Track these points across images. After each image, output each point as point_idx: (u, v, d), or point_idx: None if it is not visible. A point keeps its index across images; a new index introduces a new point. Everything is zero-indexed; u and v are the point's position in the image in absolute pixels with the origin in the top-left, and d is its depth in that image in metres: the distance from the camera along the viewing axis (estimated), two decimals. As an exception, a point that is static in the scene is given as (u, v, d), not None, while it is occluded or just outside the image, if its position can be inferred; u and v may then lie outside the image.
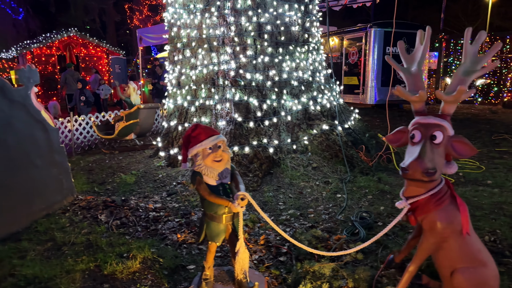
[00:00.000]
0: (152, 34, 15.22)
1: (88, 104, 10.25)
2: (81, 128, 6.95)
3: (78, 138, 6.94)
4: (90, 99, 10.39)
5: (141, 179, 4.76)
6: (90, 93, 10.57)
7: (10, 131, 3.54)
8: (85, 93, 10.20)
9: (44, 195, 3.84)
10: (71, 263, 2.98)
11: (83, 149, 7.10)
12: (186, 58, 5.08)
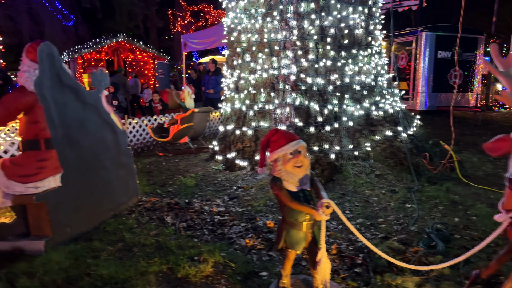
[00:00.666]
0: (196, 40, 15.51)
1: (120, 109, 9.80)
2: (134, 130, 7.11)
3: (132, 140, 7.11)
4: (123, 104, 10.06)
5: (201, 182, 4.78)
6: (123, 98, 10.25)
7: (83, 132, 3.64)
8: (118, 98, 9.85)
9: (111, 196, 3.93)
10: (144, 264, 3.01)
11: (136, 152, 7.27)
12: (246, 62, 5.08)
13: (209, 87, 10.41)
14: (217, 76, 10.08)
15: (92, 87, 3.79)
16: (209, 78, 10.49)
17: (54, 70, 3.39)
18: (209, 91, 10.36)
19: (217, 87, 10.00)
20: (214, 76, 10.27)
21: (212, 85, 10.22)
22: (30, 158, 3.31)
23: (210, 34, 14.51)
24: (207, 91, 10.42)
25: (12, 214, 4.30)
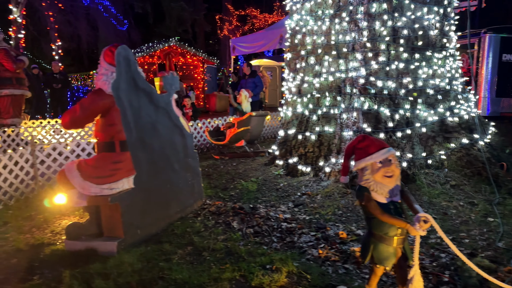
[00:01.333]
0: (245, 43, 15.60)
1: None
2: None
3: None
4: None
5: (263, 187, 4.70)
6: None
7: (155, 135, 3.67)
8: None
9: (179, 199, 3.94)
10: (216, 270, 2.95)
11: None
12: (310, 65, 4.96)
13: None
14: (254, 78, 9.98)
15: (163, 90, 3.81)
16: (246, 81, 10.23)
17: (130, 73, 3.44)
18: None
19: (256, 90, 9.85)
20: (251, 79, 10.07)
21: (250, 88, 9.96)
22: (105, 160, 3.37)
23: (259, 38, 14.53)
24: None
25: (81, 213, 4.44)
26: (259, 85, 10.01)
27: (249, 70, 10.19)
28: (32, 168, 5.29)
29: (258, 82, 10.04)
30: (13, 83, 7.78)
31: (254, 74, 10.09)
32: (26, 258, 3.41)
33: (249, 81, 10.01)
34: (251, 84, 9.93)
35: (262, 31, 15.10)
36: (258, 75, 10.23)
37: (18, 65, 7.80)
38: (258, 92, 9.96)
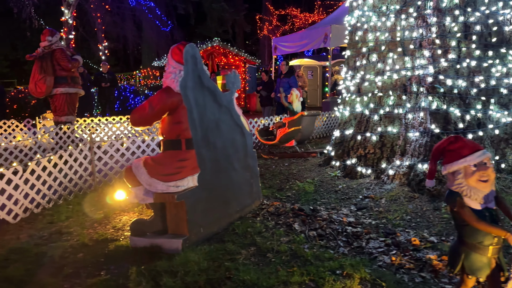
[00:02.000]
0: (287, 43, 15.46)
1: None
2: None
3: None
4: None
5: (320, 188, 4.58)
6: None
7: (218, 134, 3.65)
8: None
9: (238, 198, 3.90)
10: (284, 273, 2.87)
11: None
12: (371, 63, 4.79)
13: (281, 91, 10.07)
14: (289, 78, 9.52)
15: (225, 89, 3.78)
16: (280, 80, 9.82)
17: (197, 72, 3.43)
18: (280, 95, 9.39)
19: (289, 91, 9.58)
20: (285, 79, 9.64)
21: (284, 88, 9.31)
22: (171, 157, 3.38)
23: (302, 37, 14.35)
24: (278, 94, 9.51)
25: (140, 209, 4.50)
26: (293, 86, 9.43)
27: (287, 68, 9.78)
28: (90, 164, 5.44)
29: (293, 83, 9.53)
30: (68, 82, 8.07)
31: (289, 74, 9.69)
32: (92, 253, 3.47)
33: (283, 81, 9.66)
34: (285, 84, 9.47)
35: (306, 30, 14.91)
36: (294, 76, 9.78)
37: (74, 64, 8.09)
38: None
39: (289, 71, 9.68)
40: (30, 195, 4.50)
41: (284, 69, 9.84)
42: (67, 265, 3.26)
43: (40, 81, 7.79)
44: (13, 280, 3.04)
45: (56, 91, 7.88)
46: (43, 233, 3.99)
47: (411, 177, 4.04)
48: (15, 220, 4.29)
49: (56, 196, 4.90)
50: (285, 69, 9.82)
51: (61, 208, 4.72)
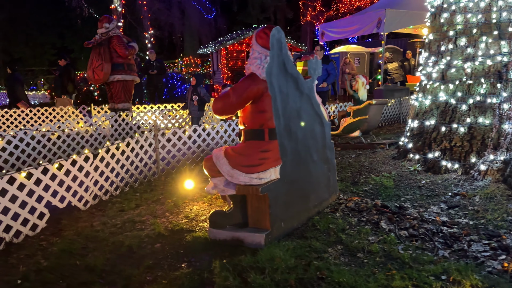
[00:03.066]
0: (336, 29, 14.92)
1: (201, 105, 8.02)
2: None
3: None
4: (206, 98, 8.01)
5: (400, 183, 4.29)
6: (206, 92, 8.09)
7: (299, 124, 3.44)
8: (199, 92, 7.87)
9: (316, 192, 3.69)
10: (382, 277, 2.64)
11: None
12: (459, 47, 4.38)
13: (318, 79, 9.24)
14: (327, 65, 8.59)
15: (306, 75, 3.55)
16: None
17: (281, 57, 3.22)
18: (322, 85, 8.46)
19: (329, 79, 8.59)
20: (323, 65, 8.78)
21: (322, 76, 8.45)
22: (253, 148, 3.21)
23: (353, 22, 13.76)
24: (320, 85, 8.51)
25: (209, 199, 4.40)
26: (332, 73, 8.66)
27: (321, 55, 8.80)
28: (154, 152, 5.41)
29: (331, 70, 8.66)
30: (124, 69, 8.12)
31: (326, 59, 8.74)
32: (169, 243, 3.39)
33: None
34: (322, 71, 8.64)
35: (356, 15, 14.30)
36: (331, 62, 8.89)
37: (130, 51, 8.11)
38: (331, 81, 8.71)
39: (325, 57, 8.83)
40: (99, 182, 4.51)
41: (319, 55, 8.78)
42: (146, 255, 3.20)
43: (97, 68, 7.88)
44: (95, 270, 3.00)
45: (113, 78, 7.96)
46: (116, 221, 3.97)
47: (507, 173, 3.67)
48: (85, 207, 4.31)
49: (123, 183, 4.90)
50: (320, 55, 8.80)
51: (129, 196, 4.72)
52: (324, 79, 8.52)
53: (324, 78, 8.52)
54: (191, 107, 8.04)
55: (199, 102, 7.91)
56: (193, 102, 7.91)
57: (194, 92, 7.94)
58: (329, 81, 8.62)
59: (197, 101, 7.87)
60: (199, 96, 7.90)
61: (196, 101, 7.87)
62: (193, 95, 7.89)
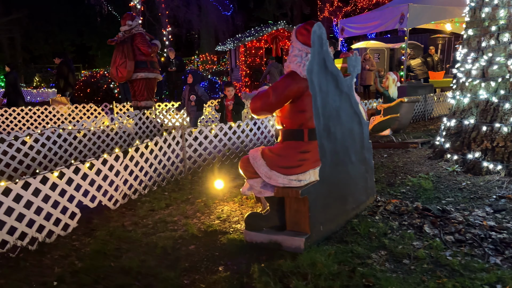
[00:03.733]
0: (356, 24, 14.66)
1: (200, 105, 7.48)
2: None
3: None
4: (204, 98, 7.48)
5: (439, 185, 4.13)
6: (203, 91, 7.58)
7: (338, 123, 3.32)
8: (197, 90, 7.37)
9: (354, 194, 3.56)
10: (433, 285, 2.51)
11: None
12: (502, 43, 4.18)
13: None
14: None
15: (346, 73, 3.42)
16: None
17: (322, 54, 3.10)
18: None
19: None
20: None
21: None
22: (292, 148, 3.10)
23: (374, 17, 13.50)
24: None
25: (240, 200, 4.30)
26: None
27: (333, 51, 8.26)
28: (181, 150, 5.35)
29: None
30: (147, 67, 8.10)
31: (337, 56, 8.13)
32: (204, 245, 3.32)
33: None
34: None
35: (377, 10, 14.01)
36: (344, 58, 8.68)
37: (153, 49, 8.08)
38: None
39: (337, 52, 8.51)
40: (129, 181, 4.47)
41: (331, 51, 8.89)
42: (181, 257, 3.14)
43: (121, 66, 7.86)
44: (130, 272, 2.95)
45: (136, 76, 7.94)
46: (147, 221, 3.92)
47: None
48: (115, 206, 4.28)
49: (151, 182, 4.86)
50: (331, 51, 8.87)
51: (158, 195, 4.67)
52: None
53: None
54: (189, 108, 7.54)
55: (196, 102, 7.43)
56: (190, 102, 7.44)
57: (192, 91, 7.43)
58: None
59: (195, 101, 7.41)
60: (197, 96, 7.42)
61: (194, 101, 7.40)
62: (191, 95, 7.40)
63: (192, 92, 7.37)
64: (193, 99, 7.34)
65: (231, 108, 7.02)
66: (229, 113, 7.05)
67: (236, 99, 7.12)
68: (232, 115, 6.99)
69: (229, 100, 7.12)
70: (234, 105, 7.04)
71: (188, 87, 7.51)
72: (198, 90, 7.42)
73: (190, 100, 7.41)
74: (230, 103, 7.09)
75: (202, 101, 7.52)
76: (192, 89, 7.42)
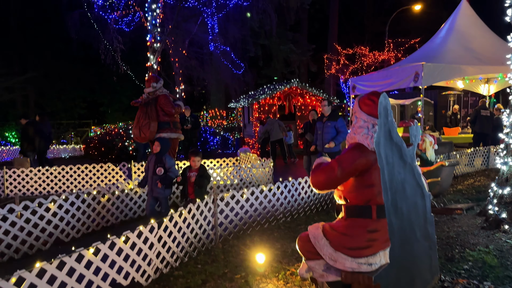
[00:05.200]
0: (368, 82, 14.90)
1: (168, 182, 5.65)
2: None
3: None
4: (173, 173, 5.70)
5: (505, 261, 3.77)
6: (173, 163, 5.87)
7: (404, 197, 3.07)
8: (165, 162, 5.71)
9: (421, 275, 3.22)
10: None
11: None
12: None
13: (326, 138, 7.38)
14: (336, 122, 7.36)
15: (408, 143, 3.23)
16: (323, 125, 7.46)
17: (387, 125, 2.93)
18: (329, 145, 7.25)
19: (338, 137, 7.32)
20: (331, 122, 7.37)
21: (330, 134, 7.35)
22: (359, 227, 2.83)
23: (387, 76, 13.71)
24: (326, 145, 7.32)
25: (284, 276, 3.94)
26: (342, 130, 7.34)
27: (329, 110, 7.51)
28: (213, 217, 5.07)
29: (341, 127, 7.36)
30: (170, 127, 8.00)
31: (335, 116, 7.46)
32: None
33: (327, 125, 7.39)
34: (330, 129, 7.34)
35: (390, 69, 14.27)
36: (341, 118, 7.54)
37: (177, 109, 8.04)
38: (340, 140, 7.33)
39: (333, 112, 7.56)
40: (161, 254, 4.15)
41: (326, 111, 7.48)
42: None
43: (144, 126, 7.77)
44: None
45: (158, 136, 7.82)
46: (186, 302, 3.55)
47: None
48: (147, 282, 3.93)
49: (183, 253, 4.52)
50: (327, 111, 7.48)
51: (190, 268, 4.31)
52: (332, 138, 7.33)
53: (332, 137, 7.34)
54: (154, 186, 5.62)
55: (162, 180, 5.57)
56: (155, 180, 5.61)
57: (158, 163, 5.70)
58: (338, 140, 7.30)
59: (161, 179, 5.58)
60: (164, 169, 5.66)
61: (161, 178, 5.59)
62: (157, 167, 5.64)
63: (158, 164, 5.67)
64: (160, 172, 5.62)
65: (193, 181, 5.68)
66: (191, 186, 5.71)
67: (200, 171, 5.77)
68: (195, 190, 5.67)
69: (192, 171, 5.81)
70: (197, 177, 5.67)
71: (154, 157, 5.81)
72: (166, 162, 5.72)
73: (156, 173, 5.63)
74: (193, 175, 5.73)
75: (170, 178, 5.68)
76: (159, 160, 5.73)
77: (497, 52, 12.38)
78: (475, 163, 10.10)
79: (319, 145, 7.61)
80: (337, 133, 7.36)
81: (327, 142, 7.37)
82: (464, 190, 7.61)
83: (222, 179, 8.30)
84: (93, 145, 13.82)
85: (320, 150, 7.55)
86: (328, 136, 7.39)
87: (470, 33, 12.77)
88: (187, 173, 5.85)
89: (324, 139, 7.45)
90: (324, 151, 7.42)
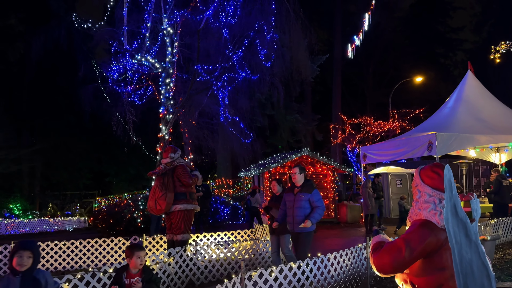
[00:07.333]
0: (379, 151, 14.91)
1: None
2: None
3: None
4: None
5: None
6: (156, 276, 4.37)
7: (473, 280, 2.74)
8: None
9: None
10: None
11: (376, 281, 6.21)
12: None
13: (298, 214, 5.91)
14: (310, 194, 5.96)
15: (471, 218, 2.99)
16: (295, 196, 6.03)
17: (453, 200, 2.70)
18: (305, 224, 5.76)
19: (314, 214, 5.87)
20: (304, 194, 5.96)
21: (303, 210, 5.91)
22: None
23: (399, 145, 13.73)
24: (301, 225, 5.81)
25: None
26: (319, 205, 5.93)
27: (302, 179, 6.15)
28: (241, 300, 4.63)
29: (318, 201, 5.95)
30: (186, 198, 7.77)
31: (309, 187, 6.06)
32: None
33: (300, 198, 5.95)
34: (303, 202, 5.91)
35: (402, 138, 14.33)
36: (316, 190, 6.10)
37: (194, 180, 7.87)
38: (317, 218, 5.90)
39: (307, 182, 6.15)
40: None
41: (299, 180, 6.12)
42: None
43: (160, 198, 7.55)
44: None
45: (174, 208, 7.56)
46: None
47: None
48: None
49: None
50: (299, 180, 6.12)
51: None
52: (307, 215, 5.87)
53: (306, 213, 5.89)
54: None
55: None
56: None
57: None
58: (315, 218, 5.87)
59: None
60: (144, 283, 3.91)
61: None
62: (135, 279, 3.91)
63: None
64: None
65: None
66: None
67: (147, 274, 4.01)
68: None
69: (133, 275, 3.96)
70: (145, 285, 3.89)
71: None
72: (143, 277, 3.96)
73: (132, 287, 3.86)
74: (137, 281, 3.90)
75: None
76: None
77: (507, 121, 12.50)
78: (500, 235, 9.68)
79: (290, 223, 6.07)
80: (311, 208, 5.94)
81: (300, 220, 5.86)
82: (499, 265, 7.12)
83: (240, 254, 7.85)
84: (101, 217, 13.41)
85: (291, 229, 6.09)
86: (300, 212, 5.91)
87: (479, 102, 12.99)
88: (124, 279, 3.94)
89: (295, 216, 5.94)
90: (295, 230, 6.01)
